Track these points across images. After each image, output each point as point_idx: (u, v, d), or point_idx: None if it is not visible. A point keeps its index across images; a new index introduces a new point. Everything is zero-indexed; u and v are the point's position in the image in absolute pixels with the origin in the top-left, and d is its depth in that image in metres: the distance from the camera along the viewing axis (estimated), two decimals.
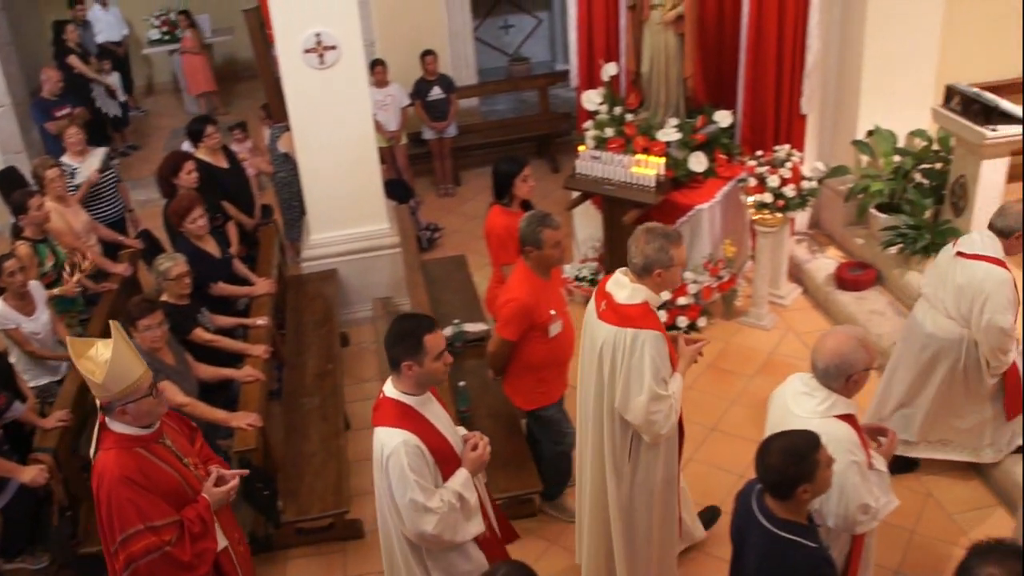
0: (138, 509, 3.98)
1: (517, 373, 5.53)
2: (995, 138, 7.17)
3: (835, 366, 4.00)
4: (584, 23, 8.42)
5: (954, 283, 5.50)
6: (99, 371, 3.89)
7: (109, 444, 4.02)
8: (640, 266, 4.55)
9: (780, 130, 8.02)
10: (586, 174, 7.74)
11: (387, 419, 4.00)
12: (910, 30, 8.02)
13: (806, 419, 4.00)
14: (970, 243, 5.49)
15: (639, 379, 4.49)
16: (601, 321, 4.63)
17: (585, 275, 8.10)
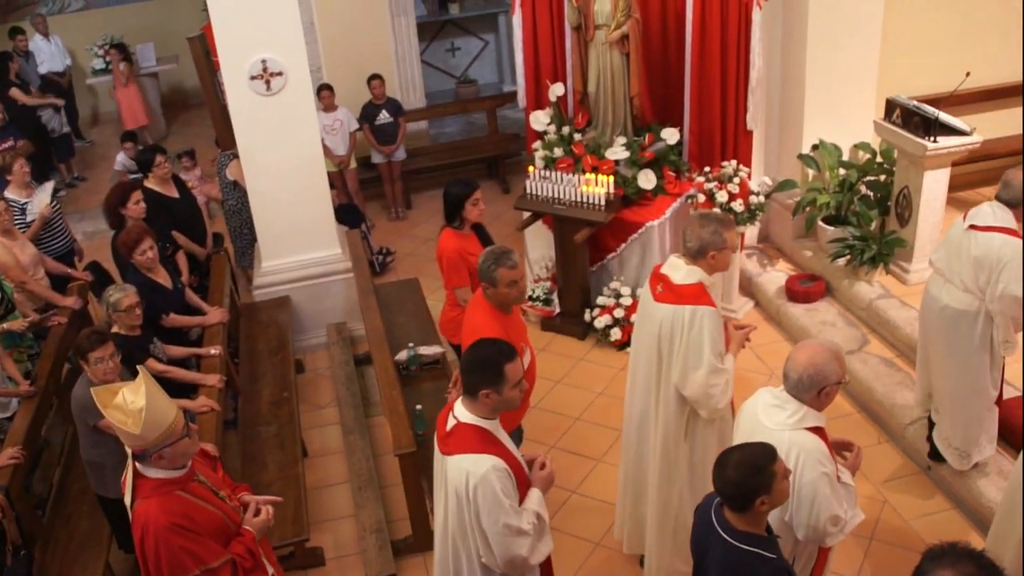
0: (192, 555, 3.87)
1: None
2: (936, 150, 7.33)
3: (808, 376, 4.00)
4: (530, 44, 8.47)
5: (969, 256, 5.43)
6: (133, 421, 3.75)
7: (147, 492, 3.88)
8: (695, 249, 4.79)
9: (727, 146, 8.11)
10: (536, 194, 7.79)
11: (469, 446, 3.93)
12: (850, 46, 8.16)
13: (776, 431, 4.02)
14: (982, 216, 5.45)
15: (698, 353, 4.73)
16: (659, 303, 4.87)
17: (539, 295, 8.13)
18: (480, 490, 3.83)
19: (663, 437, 5.04)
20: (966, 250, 5.45)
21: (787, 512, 3.99)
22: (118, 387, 3.89)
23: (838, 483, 4.12)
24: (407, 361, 6.92)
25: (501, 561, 3.95)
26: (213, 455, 4.51)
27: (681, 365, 4.78)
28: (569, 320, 7.99)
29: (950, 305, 5.56)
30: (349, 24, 10.83)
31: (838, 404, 6.97)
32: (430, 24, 13.42)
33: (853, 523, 4.16)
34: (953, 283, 5.57)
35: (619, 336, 7.66)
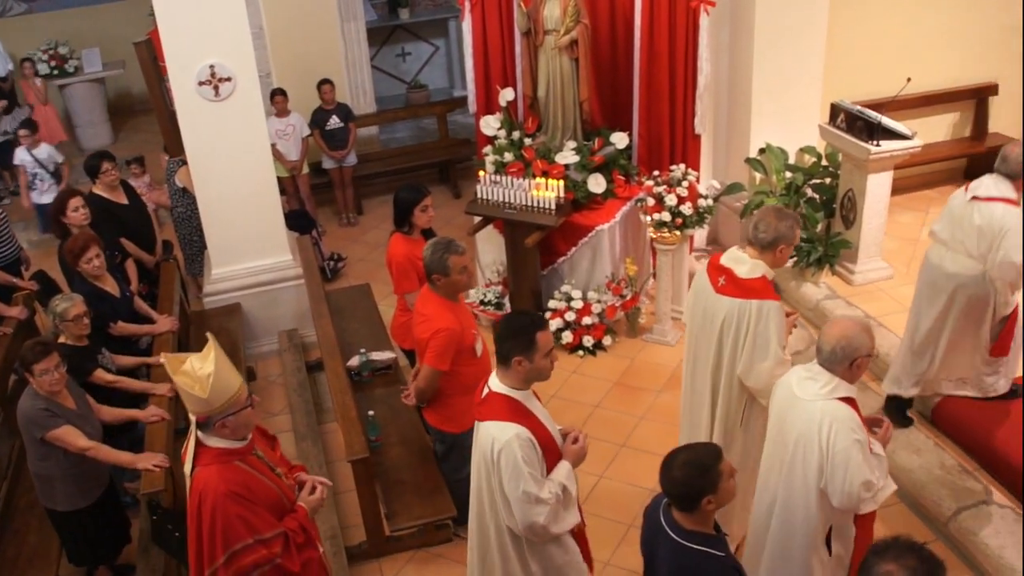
0: (247, 523, 3.95)
1: (449, 400, 5.51)
2: (879, 153, 7.49)
3: (841, 349, 4.18)
4: (480, 50, 8.50)
5: (972, 225, 5.80)
6: (200, 386, 3.87)
7: (208, 460, 3.99)
8: (768, 240, 4.90)
9: (676, 150, 8.20)
10: (487, 199, 7.80)
11: (497, 413, 4.11)
12: (796, 51, 8.30)
13: (809, 402, 4.24)
14: (984, 187, 5.82)
15: (765, 346, 4.90)
16: (721, 295, 5.00)
17: (490, 299, 8.14)
18: (503, 456, 4.01)
19: (722, 423, 5.24)
20: (969, 220, 5.83)
21: (823, 480, 4.21)
22: (185, 356, 3.99)
23: (870, 453, 4.27)
24: (359, 367, 6.91)
25: (522, 527, 4.11)
26: (272, 435, 4.57)
27: (747, 357, 4.95)
28: None
29: (959, 272, 5.94)
30: (298, 29, 10.78)
31: None
32: (380, 29, 13.39)
33: (886, 492, 4.33)
34: (958, 251, 5.94)
35: (571, 339, 7.70)
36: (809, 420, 4.22)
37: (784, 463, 4.39)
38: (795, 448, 4.31)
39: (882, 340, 7.14)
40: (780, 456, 4.43)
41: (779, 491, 4.45)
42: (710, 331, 5.12)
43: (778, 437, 4.47)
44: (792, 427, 4.34)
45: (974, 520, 5.63)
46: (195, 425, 4.01)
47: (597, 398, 7.28)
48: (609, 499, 6.15)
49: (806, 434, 4.25)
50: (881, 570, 2.88)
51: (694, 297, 5.30)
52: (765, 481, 4.61)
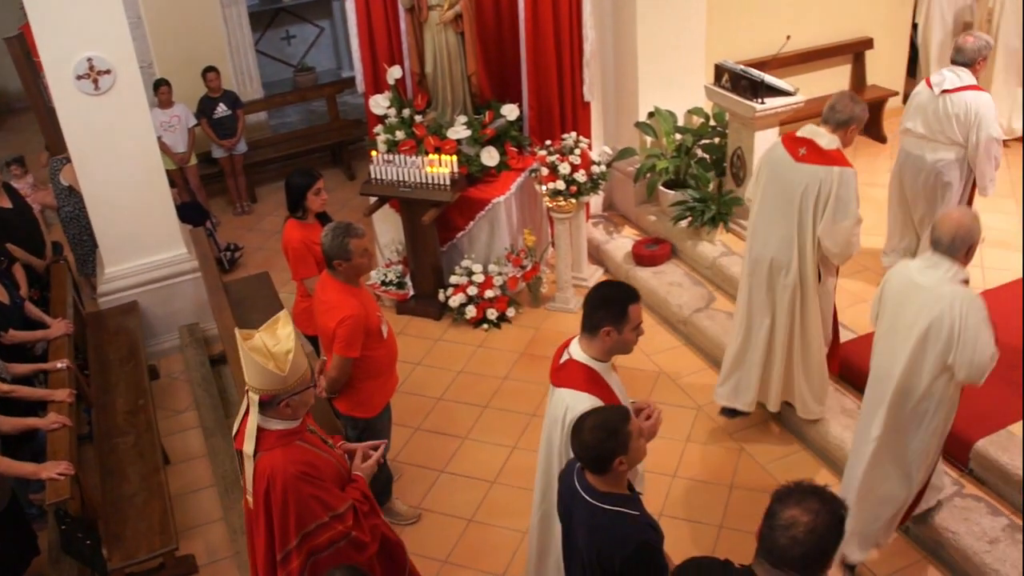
0: (321, 501, 3.97)
1: (360, 385, 5.47)
2: (764, 111, 7.63)
3: (960, 237, 4.58)
4: (364, 29, 8.42)
5: (948, 115, 6.69)
6: (277, 363, 3.85)
7: (271, 443, 3.95)
8: (843, 119, 5.52)
9: (566, 119, 8.26)
10: (381, 178, 7.77)
11: (574, 382, 4.12)
12: (677, 15, 8.40)
13: (935, 287, 4.61)
14: (949, 80, 6.71)
15: (845, 207, 5.47)
16: (803, 163, 5.56)
17: (392, 279, 8.11)
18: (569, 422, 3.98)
19: (802, 280, 5.76)
20: (943, 111, 6.71)
21: (952, 355, 4.57)
22: (253, 332, 3.96)
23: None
24: None
25: None
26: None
27: (828, 218, 5.50)
28: (424, 302, 8.01)
29: (943, 160, 6.82)
30: (178, 17, 10.54)
31: (691, 361, 7.26)
32: (263, 13, 13.15)
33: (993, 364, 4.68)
34: (937, 141, 6.81)
35: (474, 313, 7.73)
36: (938, 303, 4.58)
37: (904, 348, 4.72)
38: (920, 332, 4.64)
39: None
40: (896, 343, 4.78)
41: (898, 374, 4.77)
42: (787, 197, 5.64)
43: (895, 324, 4.80)
44: (915, 313, 4.68)
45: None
46: (256, 406, 3.94)
47: (505, 370, 7.34)
48: (524, 469, 6.20)
49: (936, 316, 4.58)
50: (786, 515, 2.95)
51: (769, 169, 5.80)
52: (880, 368, 4.95)
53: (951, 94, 6.69)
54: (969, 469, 5.79)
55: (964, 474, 5.81)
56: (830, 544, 2.92)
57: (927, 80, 6.89)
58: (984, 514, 5.43)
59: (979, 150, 6.68)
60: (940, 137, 6.81)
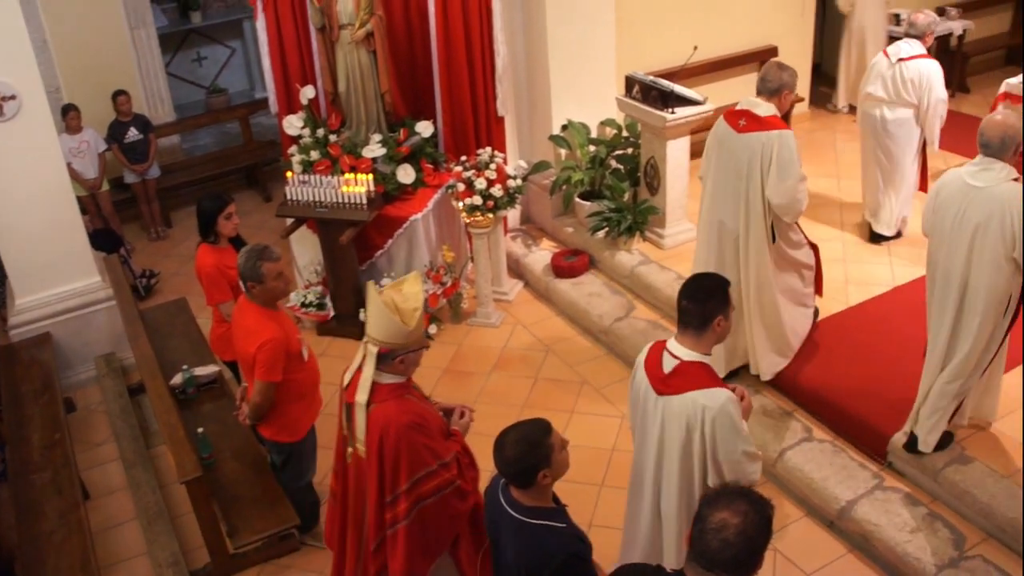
0: (430, 450, 4.19)
1: (283, 409, 5.43)
2: (675, 120, 7.76)
3: (1010, 137, 4.98)
4: (276, 49, 8.37)
5: (904, 80, 7.60)
6: (403, 317, 4.11)
7: (384, 395, 4.21)
8: (774, 88, 5.97)
9: (481, 134, 8.31)
10: (297, 199, 7.72)
11: (700, 382, 4.10)
12: (587, 28, 8.50)
13: (990, 187, 4.97)
14: (904, 50, 7.68)
15: (788, 166, 5.86)
16: (745, 133, 5.97)
17: (311, 300, 8.05)
18: (719, 421, 4.04)
19: (756, 240, 6.11)
20: (899, 77, 7.63)
21: (1016, 249, 4.91)
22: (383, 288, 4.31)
23: None
24: (183, 384, 6.74)
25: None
26: None
27: (774, 178, 5.88)
28: (345, 322, 7.96)
29: (900, 118, 7.73)
30: (85, 40, 10.34)
31: (611, 367, 7.36)
32: (173, 35, 12.98)
33: None
34: (895, 103, 7.70)
35: None
36: (996, 201, 4.93)
37: (969, 244, 5.06)
38: (981, 228, 4.98)
39: None
40: (963, 243, 5.09)
41: (958, 268, 5.14)
42: (735, 167, 6.04)
43: (958, 224, 5.10)
44: (975, 213, 5.00)
45: (799, 457, 6.00)
46: (374, 359, 4.16)
47: (428, 388, 7.28)
48: None
49: (997, 212, 4.92)
50: (715, 519, 2.99)
51: (716, 144, 6.22)
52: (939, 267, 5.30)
53: (906, 62, 7.62)
54: (888, 462, 5.95)
55: (883, 467, 5.96)
56: (760, 544, 2.98)
57: (884, 51, 7.88)
58: (904, 505, 5.59)
59: (929, 110, 7.64)
60: (896, 99, 7.69)
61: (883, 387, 6.33)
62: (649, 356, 4.31)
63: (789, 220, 6.11)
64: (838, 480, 5.81)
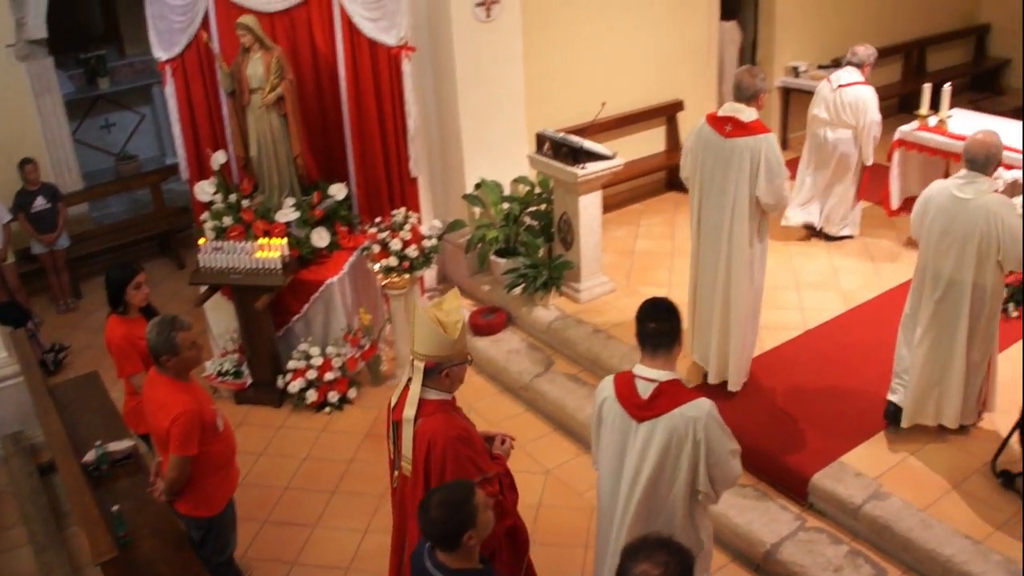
0: (475, 463, 4.29)
1: (201, 483, 5.29)
2: (586, 175, 7.88)
3: (992, 154, 5.61)
4: (186, 115, 8.34)
5: (844, 104, 8.68)
6: (447, 329, 4.25)
7: (431, 410, 4.31)
8: (752, 93, 6.36)
9: (394, 195, 8.34)
10: (211, 266, 7.64)
11: (680, 397, 4.27)
12: (497, 87, 8.62)
13: (976, 199, 5.57)
14: (844, 77, 8.76)
15: (776, 167, 6.28)
16: (731, 138, 6.34)
17: (228, 368, 7.93)
18: (708, 427, 4.22)
19: (739, 239, 6.48)
20: (839, 101, 8.70)
21: (1000, 253, 5.55)
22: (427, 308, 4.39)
23: None
24: (96, 461, 6.55)
25: (724, 487, 4.41)
26: None
27: (764, 179, 6.27)
28: (262, 389, 7.86)
29: (841, 138, 8.79)
30: None
31: (533, 424, 7.38)
32: (80, 101, 12.78)
33: None
34: (837, 125, 8.77)
35: (315, 397, 7.63)
36: (982, 211, 5.55)
37: (960, 251, 5.66)
38: (971, 238, 5.59)
39: (613, 351, 7.52)
40: (954, 251, 5.69)
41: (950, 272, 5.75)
42: (724, 171, 6.40)
43: (946, 233, 5.70)
44: (964, 223, 5.60)
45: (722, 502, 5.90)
46: (420, 374, 4.30)
47: (350, 452, 7.25)
48: (377, 553, 6.08)
49: (983, 221, 5.54)
50: (637, 570, 3.01)
51: (701, 148, 6.53)
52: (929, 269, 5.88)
53: (844, 88, 8.68)
54: (809, 503, 6.06)
55: (805, 508, 6.07)
56: None
57: (828, 78, 8.94)
58: (827, 544, 5.70)
59: (864, 131, 8.68)
60: (837, 121, 8.75)
61: (801, 429, 6.47)
62: (618, 389, 4.40)
63: (775, 212, 6.66)
64: (762, 523, 5.90)
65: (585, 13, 9.59)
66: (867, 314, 7.95)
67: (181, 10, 8.10)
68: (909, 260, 8.60)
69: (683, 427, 4.22)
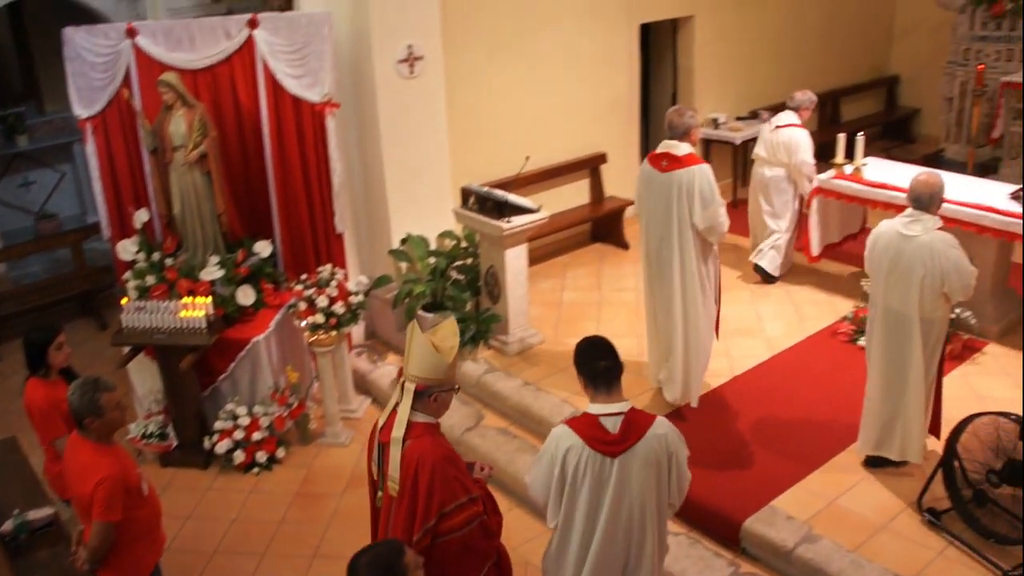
0: (462, 483, 4.38)
1: (125, 550, 5.15)
2: (511, 229, 7.95)
3: (935, 193, 6.02)
4: (107, 173, 8.27)
5: (780, 144, 9.34)
6: (445, 355, 4.36)
7: (419, 432, 4.36)
8: (683, 131, 6.89)
9: (320, 251, 8.32)
10: (135, 326, 7.52)
11: (646, 419, 4.42)
12: (421, 141, 8.69)
13: (920, 236, 5.97)
14: (782, 119, 9.43)
15: (709, 194, 6.78)
16: (668, 172, 6.86)
17: (153, 431, 7.76)
18: (671, 439, 4.43)
19: (686, 263, 6.94)
20: (777, 142, 9.37)
21: (945, 284, 5.94)
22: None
23: None
24: (14, 531, 6.34)
25: (683, 495, 4.62)
26: None
27: (699, 207, 6.77)
28: (189, 451, 7.72)
29: (776, 175, 9.45)
30: None
31: None
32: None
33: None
34: (774, 163, 9.43)
35: (243, 458, 7.51)
36: (926, 247, 5.93)
37: (907, 285, 6.03)
38: (917, 272, 5.96)
39: (543, 403, 7.55)
40: (902, 286, 6.07)
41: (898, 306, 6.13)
42: (666, 203, 6.89)
43: (894, 268, 6.09)
44: (910, 259, 5.99)
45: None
46: (411, 396, 4.35)
47: (280, 513, 7.14)
48: None
49: (927, 259, 5.93)
50: None
51: (644, 185, 7.08)
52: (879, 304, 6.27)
53: (781, 129, 9.35)
54: (742, 548, 6.13)
55: (738, 554, 6.14)
56: None
57: (768, 120, 9.75)
58: None
59: (795, 169, 9.33)
60: (773, 159, 9.42)
61: (731, 475, 6.56)
62: (583, 433, 4.41)
63: (715, 240, 6.99)
64: (696, 571, 5.94)
65: (508, 68, 9.75)
66: (791, 360, 8.12)
67: (102, 67, 8.06)
68: (830, 306, 8.92)
69: (658, 446, 4.38)
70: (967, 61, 12.11)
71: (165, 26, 8.21)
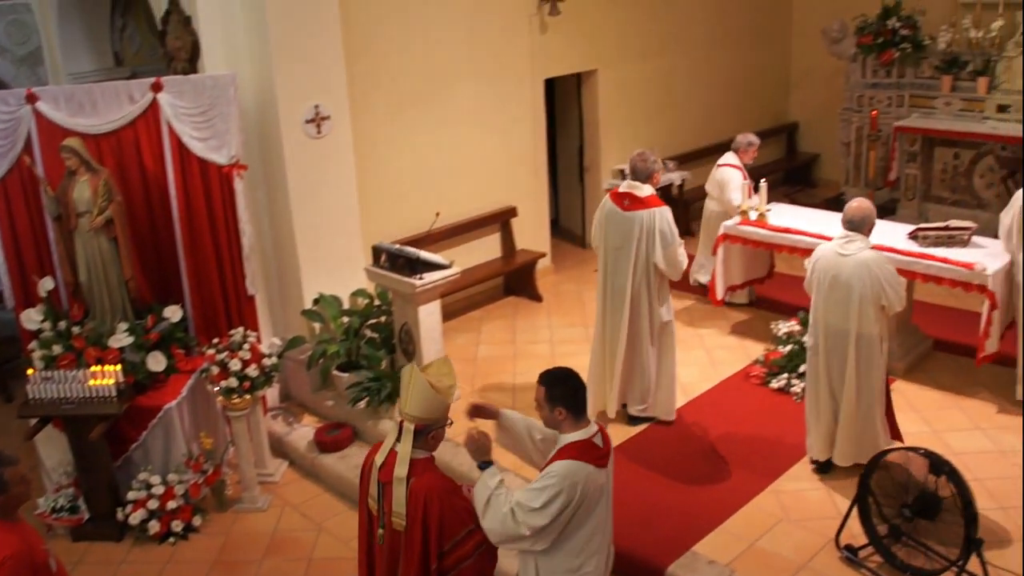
0: (468, 511, 4.63)
1: None
2: (423, 286, 7.99)
3: (867, 216, 6.62)
4: (9, 240, 8.10)
5: (715, 179, 10.08)
6: (444, 395, 4.61)
7: (422, 469, 4.61)
8: (647, 174, 7.46)
9: (232, 314, 8.24)
10: (42, 397, 7.34)
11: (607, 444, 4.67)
12: (331, 201, 8.72)
13: (855, 255, 6.56)
14: (724, 159, 10.03)
15: (669, 235, 7.36)
16: (630, 212, 7.42)
17: (63, 504, 7.54)
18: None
19: (649, 301, 7.55)
20: (715, 178, 10.08)
21: (884, 298, 6.53)
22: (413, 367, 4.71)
23: None
24: None
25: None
26: None
27: (660, 247, 7.34)
28: (101, 524, 7.50)
29: (715, 210, 10.15)
30: None
31: None
32: None
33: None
34: (712, 197, 10.20)
35: (158, 528, 7.34)
36: (863, 265, 6.51)
37: (846, 301, 6.59)
38: (855, 288, 6.52)
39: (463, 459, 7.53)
40: (840, 303, 6.63)
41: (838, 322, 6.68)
42: (624, 239, 7.42)
43: (834, 285, 6.64)
44: (848, 276, 6.55)
45: None
46: (412, 435, 4.59)
47: None
48: None
49: (864, 274, 6.50)
50: None
51: (606, 221, 7.58)
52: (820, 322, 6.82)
53: (720, 167, 10.05)
54: None
55: None
56: None
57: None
58: None
59: (726, 207, 9.84)
60: (715, 194, 10.16)
61: (653, 521, 6.63)
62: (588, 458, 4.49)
63: (674, 278, 7.63)
64: None
65: (416, 125, 9.84)
66: (706, 404, 8.28)
67: (2, 134, 7.91)
68: (742, 350, 9.10)
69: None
70: (861, 107, 12.66)
71: (67, 91, 8.12)
